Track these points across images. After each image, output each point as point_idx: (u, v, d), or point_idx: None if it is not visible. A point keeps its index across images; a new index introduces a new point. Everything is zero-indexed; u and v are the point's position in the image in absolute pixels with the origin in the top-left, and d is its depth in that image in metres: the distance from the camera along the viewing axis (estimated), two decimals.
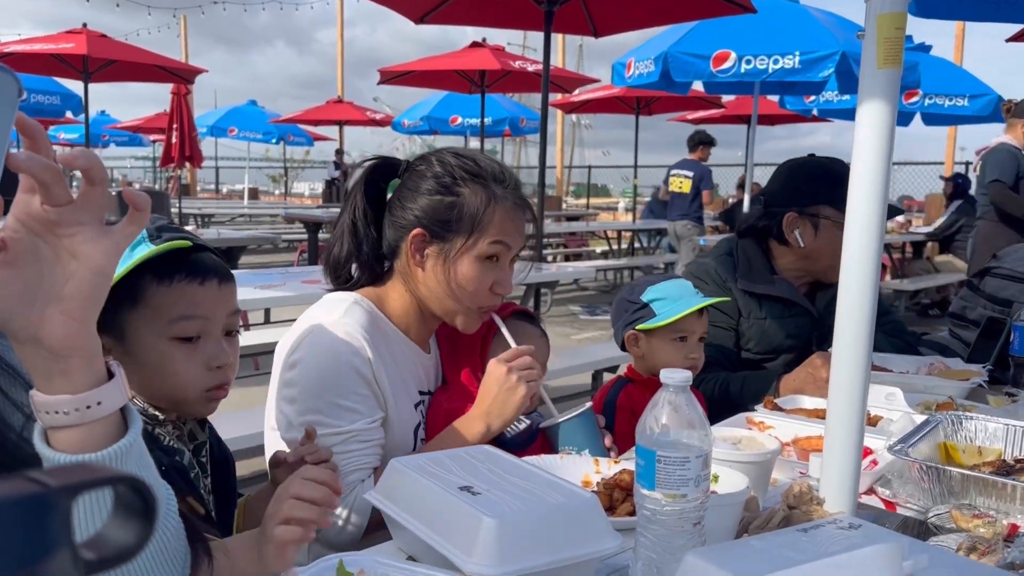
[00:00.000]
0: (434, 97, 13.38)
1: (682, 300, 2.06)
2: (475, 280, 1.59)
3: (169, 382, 1.23)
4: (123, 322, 1.22)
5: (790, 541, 0.94)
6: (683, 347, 2.08)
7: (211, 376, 1.25)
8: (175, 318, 1.22)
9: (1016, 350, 2.16)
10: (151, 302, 1.21)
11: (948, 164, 15.89)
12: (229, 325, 1.29)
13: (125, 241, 0.82)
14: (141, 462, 0.87)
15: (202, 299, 1.24)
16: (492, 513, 0.97)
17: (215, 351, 1.25)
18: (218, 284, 1.26)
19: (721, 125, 14.07)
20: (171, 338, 1.22)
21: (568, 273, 7.78)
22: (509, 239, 1.61)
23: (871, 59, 1.13)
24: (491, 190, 1.60)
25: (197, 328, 1.24)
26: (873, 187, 1.14)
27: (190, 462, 1.29)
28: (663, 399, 1.02)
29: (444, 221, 1.58)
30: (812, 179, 2.39)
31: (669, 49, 6.33)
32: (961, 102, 8.84)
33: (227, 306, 1.28)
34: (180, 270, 1.23)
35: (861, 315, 1.14)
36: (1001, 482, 1.29)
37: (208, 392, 1.26)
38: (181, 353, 1.23)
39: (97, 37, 9.18)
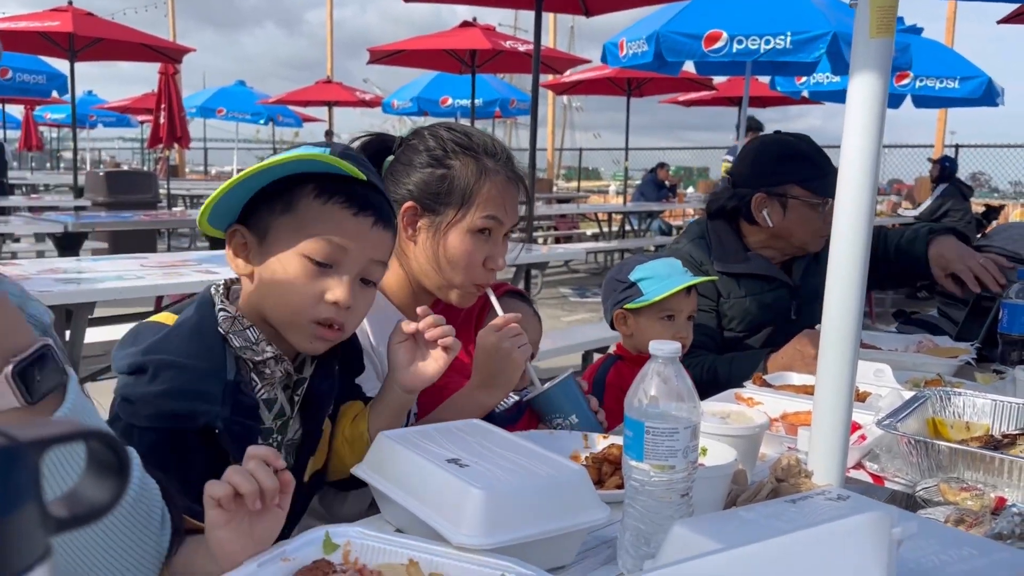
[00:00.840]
0: (424, 78, 13.30)
1: (670, 279, 2.06)
2: (467, 254, 1.57)
3: (283, 298, 1.19)
4: (270, 224, 1.20)
5: (778, 511, 0.94)
6: (671, 326, 2.08)
7: (324, 309, 1.19)
8: (314, 235, 1.17)
9: (1004, 328, 2.16)
10: (301, 213, 1.18)
11: (938, 147, 15.92)
12: (369, 271, 1.24)
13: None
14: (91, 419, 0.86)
15: (349, 228, 1.19)
16: (480, 484, 0.96)
17: (339, 286, 1.19)
18: (372, 224, 1.21)
19: (712, 107, 14.05)
20: (303, 255, 1.18)
21: (559, 255, 7.78)
22: (500, 213, 1.59)
23: (864, 28, 1.11)
24: (483, 163, 1.59)
25: (332, 254, 1.18)
26: (864, 160, 1.13)
27: (280, 407, 1.25)
28: (652, 371, 1.02)
29: (435, 194, 1.57)
30: (779, 159, 2.39)
31: (661, 29, 6.29)
32: (952, 84, 8.83)
33: (372, 249, 1.23)
34: (340, 193, 1.19)
35: (850, 290, 1.14)
36: (989, 455, 1.30)
37: (316, 325, 1.20)
38: (306, 273, 1.18)
39: (83, 15, 9.06)
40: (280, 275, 1.19)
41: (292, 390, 1.28)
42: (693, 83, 11.85)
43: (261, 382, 1.24)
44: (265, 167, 1.16)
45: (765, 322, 2.43)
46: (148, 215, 8.07)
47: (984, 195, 18.14)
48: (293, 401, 1.28)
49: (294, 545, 0.94)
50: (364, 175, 1.21)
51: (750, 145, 2.55)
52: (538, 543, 0.97)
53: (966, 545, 0.86)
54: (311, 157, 1.16)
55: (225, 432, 1.13)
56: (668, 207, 13.87)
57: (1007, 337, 2.15)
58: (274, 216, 1.20)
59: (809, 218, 2.32)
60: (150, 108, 12.10)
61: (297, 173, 1.19)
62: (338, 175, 1.20)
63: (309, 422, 1.30)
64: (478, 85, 11.36)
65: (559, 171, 27.20)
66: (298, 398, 1.28)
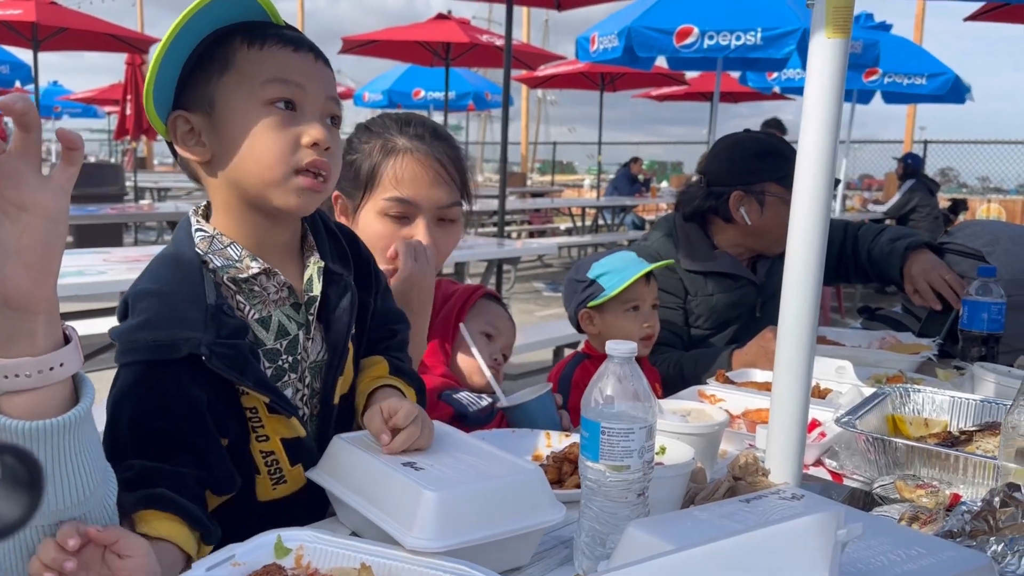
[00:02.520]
0: (396, 70, 13.22)
1: (627, 269, 2.07)
2: (380, 237, 1.53)
3: (257, 159, 1.10)
4: (213, 92, 1.12)
5: (731, 511, 0.94)
6: (637, 316, 2.08)
7: (304, 154, 1.11)
8: (268, 79, 1.10)
9: (964, 324, 2.19)
10: (242, 67, 1.11)
11: (907, 143, 16.13)
12: (328, 110, 1.16)
13: (68, 183, 0.81)
14: (90, 433, 0.86)
15: (296, 65, 1.13)
16: (432, 487, 0.95)
17: (311, 126, 1.11)
18: (314, 58, 1.15)
19: (685, 102, 14.12)
20: (264, 102, 1.10)
21: (532, 249, 7.79)
22: (411, 194, 1.54)
23: (821, 28, 1.12)
24: (390, 142, 1.56)
25: (291, 93, 1.11)
26: (820, 158, 1.13)
27: (278, 326, 1.17)
28: (608, 371, 1.01)
29: (347, 178, 1.56)
30: (756, 156, 2.39)
31: (632, 24, 6.30)
32: (919, 81, 8.94)
33: (325, 85, 1.16)
34: (271, 36, 1.13)
35: (806, 286, 1.14)
36: (944, 453, 1.31)
37: (299, 175, 1.11)
38: (274, 122, 1.10)
39: (47, 4, 8.89)
40: (245, 134, 1.10)
41: (305, 310, 1.20)
42: (666, 78, 11.90)
43: (251, 302, 1.16)
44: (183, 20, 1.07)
45: (731, 319, 2.44)
46: (114, 208, 7.96)
47: (952, 190, 18.43)
48: (308, 321, 1.20)
49: (245, 549, 0.92)
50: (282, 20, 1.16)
51: (723, 143, 2.54)
52: (492, 544, 0.96)
53: (915, 544, 0.87)
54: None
55: (213, 357, 1.05)
56: (641, 202, 13.92)
57: (967, 333, 2.18)
58: (213, 82, 1.11)
59: (787, 215, 2.33)
60: (117, 99, 11.92)
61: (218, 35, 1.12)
62: (257, 22, 1.14)
63: (330, 341, 1.23)
64: (451, 78, 11.33)
65: (533, 165, 27.21)
66: (312, 317, 1.20)
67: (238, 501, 1.13)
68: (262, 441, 1.15)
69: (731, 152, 2.47)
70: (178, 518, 0.99)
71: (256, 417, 1.14)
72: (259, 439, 1.15)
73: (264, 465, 1.16)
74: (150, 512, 0.98)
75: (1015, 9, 4.33)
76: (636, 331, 2.07)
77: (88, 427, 0.85)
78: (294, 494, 1.19)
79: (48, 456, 0.79)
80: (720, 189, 2.39)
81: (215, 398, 1.09)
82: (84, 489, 0.84)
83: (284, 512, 1.18)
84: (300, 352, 1.19)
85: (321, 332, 1.23)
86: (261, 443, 1.15)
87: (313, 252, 1.23)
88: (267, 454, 1.16)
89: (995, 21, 4.59)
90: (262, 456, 1.16)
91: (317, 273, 1.21)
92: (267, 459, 1.16)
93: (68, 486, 0.82)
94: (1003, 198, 16.16)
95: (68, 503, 0.82)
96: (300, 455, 1.17)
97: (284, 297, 1.19)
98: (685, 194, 2.52)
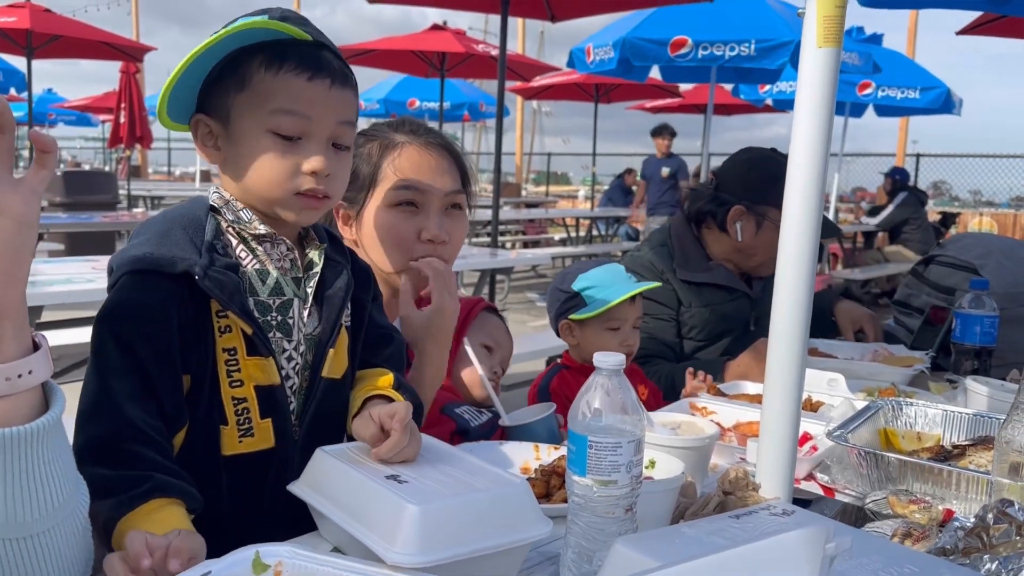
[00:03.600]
0: (392, 79, 13.24)
1: (612, 287, 2.01)
2: (390, 228, 1.52)
3: (260, 177, 1.16)
4: (229, 106, 1.16)
5: (720, 527, 0.92)
6: (616, 335, 2.03)
7: (303, 180, 1.15)
8: (275, 109, 1.13)
9: (957, 337, 2.18)
10: (256, 88, 1.14)
11: (899, 156, 16.18)
12: (338, 135, 1.19)
13: (40, 186, 0.80)
14: (61, 444, 0.84)
15: (308, 96, 1.14)
16: (416, 501, 0.93)
17: (312, 155, 1.15)
18: (330, 85, 1.16)
19: (679, 114, 14.14)
20: (269, 131, 1.14)
21: (526, 260, 7.77)
22: (417, 177, 1.53)
23: (811, 37, 1.10)
24: (388, 140, 1.56)
25: (296, 127, 1.14)
26: (812, 169, 1.12)
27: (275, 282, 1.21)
28: (596, 383, 0.99)
29: (351, 184, 1.53)
30: (770, 178, 2.36)
31: (627, 35, 6.33)
32: (913, 94, 8.98)
33: (337, 112, 1.17)
34: (290, 59, 1.13)
35: (797, 301, 1.12)
36: (937, 468, 1.29)
37: (299, 196, 1.16)
38: (275, 149, 1.14)
39: (41, 11, 8.88)
40: (251, 154, 1.15)
41: (305, 284, 1.24)
42: (660, 90, 11.93)
43: (253, 254, 1.21)
44: (205, 47, 1.12)
45: (724, 332, 2.43)
46: (107, 216, 7.92)
47: (945, 203, 18.50)
48: (307, 294, 1.24)
49: (221, 565, 0.90)
50: (309, 35, 1.16)
51: (745, 155, 2.52)
52: (477, 560, 0.94)
53: (907, 562, 0.85)
54: (249, 27, 1.11)
55: (206, 278, 1.09)
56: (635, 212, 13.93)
57: (960, 347, 2.17)
58: (230, 96, 1.16)
59: (776, 244, 2.32)
60: (111, 107, 11.90)
61: (243, 47, 1.15)
62: (284, 40, 1.15)
63: (324, 315, 1.26)
64: (447, 88, 11.34)
65: (528, 175, 27.25)
66: (310, 290, 1.24)
67: (200, 455, 1.14)
68: (236, 387, 1.16)
69: (748, 167, 2.46)
70: (179, 500, 1.02)
71: (234, 360, 1.15)
72: (233, 384, 1.15)
73: (233, 414, 1.16)
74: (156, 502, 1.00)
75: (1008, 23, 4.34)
76: (614, 349, 1.98)
77: (58, 437, 0.83)
78: (260, 453, 1.18)
79: (15, 465, 0.77)
80: (726, 197, 2.39)
81: (191, 329, 1.12)
82: (53, 500, 0.81)
83: (248, 470, 1.18)
84: (293, 318, 1.21)
85: (316, 307, 1.26)
86: (235, 388, 1.16)
87: (315, 241, 1.29)
88: (239, 401, 1.16)
89: (987, 35, 4.61)
90: (233, 403, 1.16)
91: (319, 254, 1.26)
92: (237, 407, 1.16)
93: (36, 497, 0.80)
94: (995, 211, 16.23)
95: (36, 515, 0.80)
96: (272, 408, 1.18)
97: (286, 268, 1.23)
98: (694, 191, 2.52)
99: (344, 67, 1.20)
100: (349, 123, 1.20)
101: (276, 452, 1.19)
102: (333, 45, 1.21)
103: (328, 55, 1.18)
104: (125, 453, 1.03)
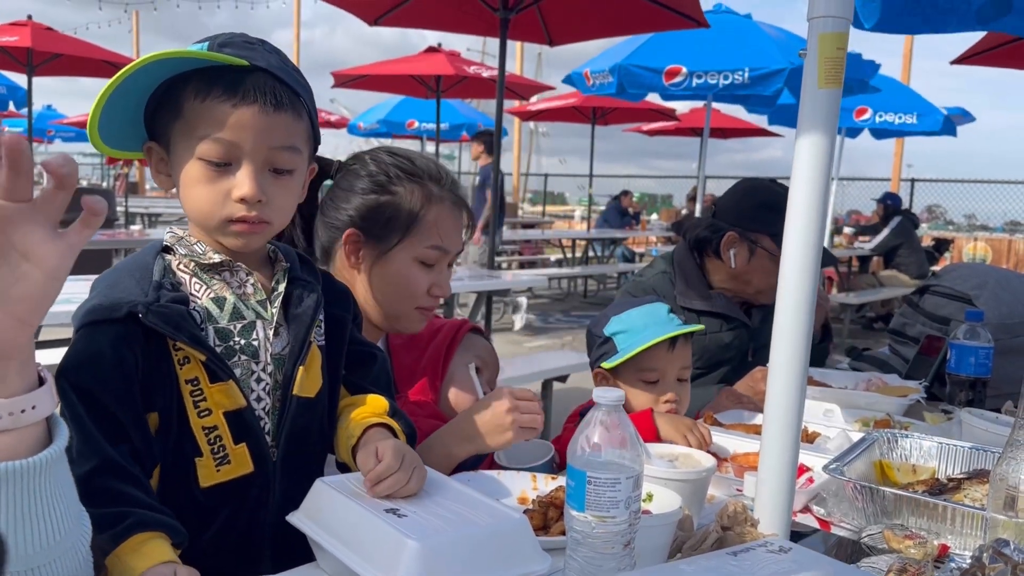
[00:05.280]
0: (391, 100, 13.30)
1: (647, 331, 1.75)
2: (412, 281, 1.55)
3: (196, 203, 1.15)
4: (169, 134, 1.15)
5: (718, 565, 0.92)
6: (654, 389, 1.77)
7: (232, 207, 1.14)
8: (202, 136, 1.12)
9: (952, 368, 2.19)
10: (187, 117, 1.12)
11: (894, 180, 16.27)
12: (274, 161, 1.16)
13: (79, 244, 0.81)
14: (63, 477, 0.85)
15: (234, 122, 1.11)
16: (415, 535, 0.94)
17: (242, 182, 1.13)
18: (257, 111, 1.12)
19: (676, 137, 14.23)
20: (198, 158, 1.13)
21: (522, 281, 7.76)
22: (447, 242, 1.57)
23: (812, 78, 1.12)
24: (428, 189, 1.57)
25: (223, 153, 1.12)
26: (812, 204, 1.14)
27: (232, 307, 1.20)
28: (595, 419, 1.00)
29: (380, 220, 1.55)
30: (763, 206, 2.40)
31: (623, 62, 6.38)
32: (910, 120, 9.05)
33: (268, 138, 1.14)
34: (218, 85, 1.11)
35: (797, 337, 1.13)
36: (932, 502, 1.30)
37: (232, 223, 1.15)
38: (205, 176, 1.13)
39: (42, 30, 8.92)
40: (187, 182, 1.15)
41: (270, 304, 1.24)
42: (656, 113, 12.00)
43: (208, 284, 1.20)
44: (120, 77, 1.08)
45: (723, 361, 2.44)
46: (104, 234, 7.90)
47: (939, 227, 18.59)
48: (271, 314, 1.23)
49: None
50: (246, 60, 1.12)
51: (743, 184, 2.57)
52: None
53: None
54: (167, 56, 1.08)
55: (149, 314, 1.10)
56: (631, 234, 13.98)
57: (955, 377, 2.18)
58: (168, 125, 1.15)
59: (770, 271, 2.34)
60: None
61: (181, 74, 1.12)
62: (219, 66, 1.12)
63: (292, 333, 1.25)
64: (445, 109, 11.38)
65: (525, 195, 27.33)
66: (275, 311, 1.23)
67: (178, 490, 1.14)
68: (204, 416, 1.15)
69: (743, 194, 2.49)
70: (163, 534, 1.03)
71: (198, 389, 1.15)
72: (201, 414, 1.15)
73: (207, 443, 1.16)
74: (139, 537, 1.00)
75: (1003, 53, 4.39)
76: (652, 406, 1.74)
77: (61, 470, 0.83)
78: (240, 479, 1.18)
79: (18, 498, 0.77)
80: (721, 224, 2.41)
81: (150, 367, 1.12)
82: (55, 533, 0.82)
83: (229, 499, 1.17)
84: (257, 339, 1.21)
85: (285, 327, 1.25)
86: (203, 418, 1.15)
87: (281, 263, 1.28)
88: (209, 430, 1.15)
89: (981, 65, 4.65)
90: (204, 433, 1.15)
91: (283, 274, 1.26)
92: (209, 435, 1.15)
93: (38, 530, 0.80)
94: (989, 236, 16.31)
95: (38, 547, 0.80)
96: (244, 432, 1.18)
97: (248, 293, 1.23)
98: (695, 220, 2.54)
99: (284, 91, 1.15)
100: (289, 148, 1.17)
101: (255, 476, 1.18)
102: (283, 68, 1.17)
103: (263, 77, 1.14)
104: (104, 491, 1.03)
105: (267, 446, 1.20)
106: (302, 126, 1.19)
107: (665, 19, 5.43)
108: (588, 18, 5.76)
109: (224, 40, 1.16)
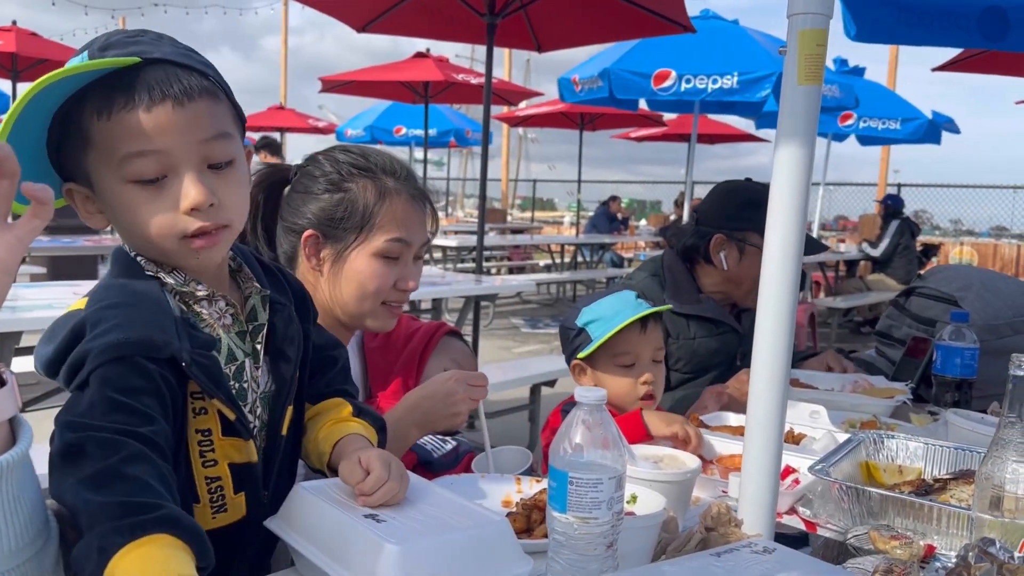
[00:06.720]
0: (379, 106, 13.28)
1: (618, 316, 1.79)
2: (375, 277, 1.53)
3: (143, 231, 1.02)
4: (86, 168, 1.01)
5: (702, 566, 0.91)
6: (631, 372, 1.80)
7: (186, 221, 1.01)
8: (123, 156, 0.98)
9: (938, 369, 2.19)
10: (98, 141, 0.98)
11: (881, 186, 16.38)
12: (208, 155, 1.02)
13: (29, 236, 0.77)
14: (26, 480, 0.81)
15: (151, 129, 0.97)
16: (395, 540, 0.92)
17: (188, 188, 1.00)
18: (172, 106, 0.98)
19: (663, 143, 14.28)
20: (128, 181, 0.99)
21: (511, 286, 7.76)
22: (406, 234, 1.55)
23: (792, 75, 1.12)
24: (382, 183, 1.55)
25: (155, 166, 0.99)
26: (792, 203, 1.13)
27: (228, 350, 1.11)
28: (577, 419, 0.99)
29: (335, 219, 1.53)
30: (745, 204, 2.40)
31: (611, 67, 6.39)
32: (894, 125, 9.11)
33: (195, 132, 1.00)
34: (119, 94, 0.96)
35: (777, 335, 1.13)
36: (918, 503, 1.29)
37: (191, 239, 1.02)
38: (143, 197, 1.00)
39: (27, 35, 8.89)
40: (125, 212, 1.02)
41: (252, 338, 1.15)
42: (644, 119, 12.04)
43: (200, 322, 1.10)
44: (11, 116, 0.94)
45: (712, 365, 2.43)
46: (90, 240, 7.84)
47: (926, 232, 18.72)
48: (256, 351, 1.14)
49: None
50: (135, 56, 0.98)
51: (721, 187, 2.56)
52: None
53: None
54: (45, 82, 0.92)
55: (193, 365, 0.99)
56: (620, 239, 14.00)
57: (940, 379, 2.18)
58: (80, 158, 1.01)
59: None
60: None
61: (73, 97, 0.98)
62: (110, 74, 0.97)
63: (278, 371, 1.17)
64: (433, 115, 11.38)
65: (514, 201, 27.36)
66: (259, 346, 1.14)
67: None
68: (209, 466, 1.08)
69: (724, 197, 2.49)
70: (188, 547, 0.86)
71: (207, 440, 1.07)
72: (206, 464, 1.08)
73: (206, 492, 1.09)
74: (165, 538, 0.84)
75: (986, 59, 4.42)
76: (631, 390, 1.80)
77: (23, 473, 0.79)
78: (234, 524, 1.13)
79: None
80: (706, 230, 2.41)
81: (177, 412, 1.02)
82: (16, 540, 0.78)
83: (223, 545, 1.09)
84: (247, 381, 1.14)
85: (268, 363, 1.17)
86: (208, 468, 1.08)
87: (251, 281, 1.18)
88: (212, 480, 1.09)
89: (964, 71, 4.68)
90: (206, 482, 1.09)
91: (261, 302, 1.17)
92: (211, 485, 1.09)
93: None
94: (975, 240, 16.43)
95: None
96: (246, 482, 1.12)
97: (228, 324, 1.13)
98: (679, 228, 2.53)
99: (191, 76, 1.01)
100: (219, 136, 1.04)
101: (248, 520, 1.13)
102: (178, 52, 1.04)
103: (165, 70, 1.00)
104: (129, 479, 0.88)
105: (262, 492, 1.14)
106: (223, 107, 1.06)
107: (652, 24, 5.43)
108: (576, 24, 5.77)
109: (103, 43, 1.02)
